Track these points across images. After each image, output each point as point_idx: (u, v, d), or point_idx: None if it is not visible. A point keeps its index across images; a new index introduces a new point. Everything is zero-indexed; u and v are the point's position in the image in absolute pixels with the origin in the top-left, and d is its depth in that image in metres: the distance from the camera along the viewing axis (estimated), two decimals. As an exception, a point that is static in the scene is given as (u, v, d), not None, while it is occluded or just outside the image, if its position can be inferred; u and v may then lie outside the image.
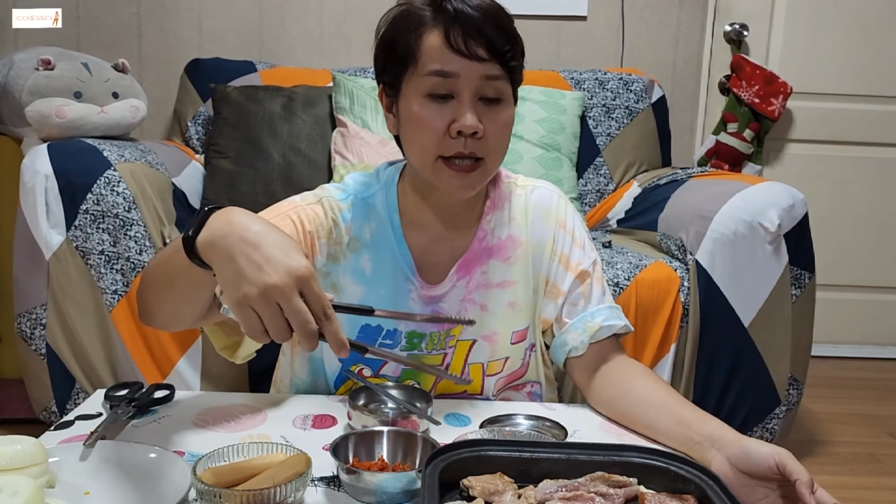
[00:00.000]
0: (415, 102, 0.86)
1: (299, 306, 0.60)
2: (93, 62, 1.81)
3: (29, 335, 1.56)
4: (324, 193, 0.97)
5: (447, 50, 0.83)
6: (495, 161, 0.90)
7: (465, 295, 0.98)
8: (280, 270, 0.60)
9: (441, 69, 0.84)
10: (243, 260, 0.62)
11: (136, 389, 0.97)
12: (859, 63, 2.62)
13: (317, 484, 0.75)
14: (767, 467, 0.70)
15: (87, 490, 0.71)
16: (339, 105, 2.05)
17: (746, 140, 2.51)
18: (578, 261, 0.99)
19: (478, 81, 0.85)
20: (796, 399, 1.71)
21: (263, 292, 0.60)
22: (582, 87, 2.27)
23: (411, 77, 0.86)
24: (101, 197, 1.53)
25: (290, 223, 0.91)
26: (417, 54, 0.85)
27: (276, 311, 0.61)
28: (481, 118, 0.85)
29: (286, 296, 0.60)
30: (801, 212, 1.64)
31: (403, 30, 0.86)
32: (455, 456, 0.68)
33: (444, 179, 0.88)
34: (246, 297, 0.60)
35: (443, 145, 0.86)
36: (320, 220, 0.94)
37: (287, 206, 0.94)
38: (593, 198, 2.23)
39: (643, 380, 0.92)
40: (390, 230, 0.96)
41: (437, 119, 0.85)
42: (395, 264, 0.95)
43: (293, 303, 0.60)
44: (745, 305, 1.63)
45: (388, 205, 0.96)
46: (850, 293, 2.73)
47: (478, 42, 0.83)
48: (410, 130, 0.88)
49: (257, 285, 0.60)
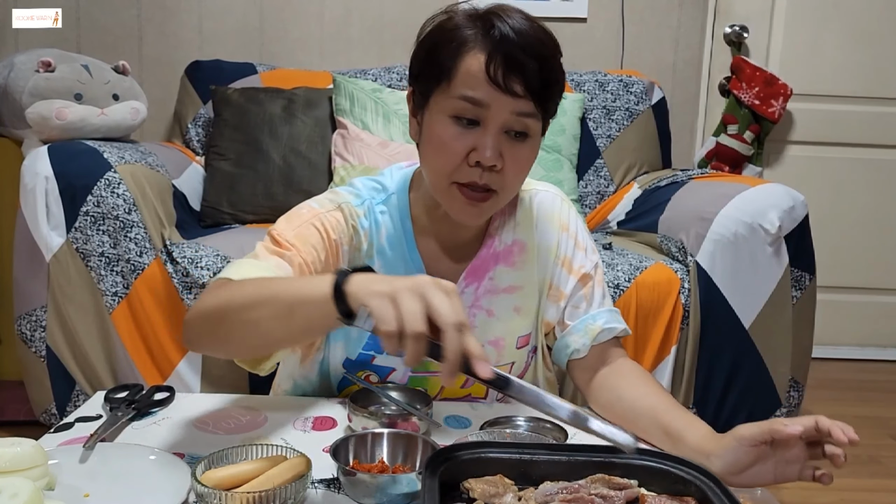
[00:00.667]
0: (439, 121, 0.84)
1: (444, 299, 0.59)
2: (93, 64, 1.81)
3: (29, 337, 1.56)
4: (341, 199, 0.94)
5: (483, 78, 0.80)
6: (508, 195, 0.89)
7: (474, 301, 0.98)
8: (428, 279, 0.61)
9: (473, 96, 0.82)
10: (381, 282, 0.62)
11: (136, 391, 0.97)
12: (859, 64, 2.62)
13: (317, 486, 0.75)
14: (745, 454, 0.72)
15: (87, 492, 0.71)
16: (339, 107, 2.05)
17: (746, 142, 2.51)
18: (581, 264, 0.99)
19: (507, 116, 0.82)
20: (797, 401, 1.71)
21: (412, 286, 0.59)
22: (582, 88, 2.27)
23: (442, 94, 0.84)
24: (102, 199, 1.53)
25: (315, 231, 0.89)
26: (453, 73, 0.82)
27: (418, 303, 0.58)
28: (503, 152, 0.83)
29: (434, 290, 0.59)
30: (802, 213, 1.64)
31: (444, 45, 0.84)
32: (455, 458, 0.68)
33: (455, 206, 0.87)
34: (394, 289, 0.59)
35: (459, 172, 0.84)
36: (342, 227, 0.92)
37: (307, 213, 0.91)
38: (594, 199, 2.23)
39: (635, 385, 0.92)
40: (402, 237, 0.95)
41: (458, 144, 0.83)
42: (407, 271, 0.95)
43: (442, 294, 0.59)
44: (745, 307, 1.62)
45: (399, 211, 0.95)
46: (850, 295, 2.73)
47: (516, 77, 0.80)
48: (429, 148, 0.87)
49: (408, 281, 0.60)
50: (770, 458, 0.73)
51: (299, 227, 0.89)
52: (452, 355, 0.57)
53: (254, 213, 1.96)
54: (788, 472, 0.72)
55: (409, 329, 0.57)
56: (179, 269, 1.54)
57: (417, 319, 0.57)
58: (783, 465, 0.73)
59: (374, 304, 0.59)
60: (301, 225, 0.89)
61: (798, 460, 0.72)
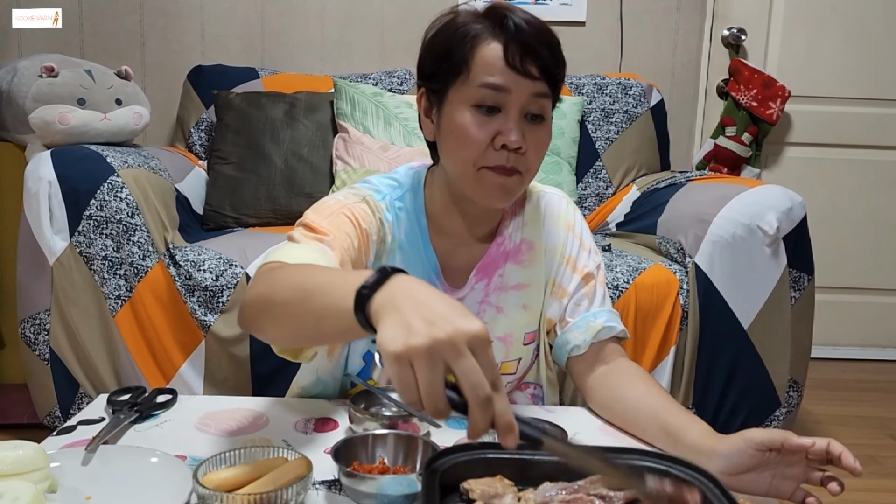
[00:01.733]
0: (460, 112, 0.87)
1: (473, 364, 0.52)
2: (96, 69, 1.82)
3: (33, 340, 1.57)
4: (363, 192, 0.95)
5: (503, 65, 0.85)
6: (530, 177, 0.92)
7: (484, 297, 1.00)
8: (453, 326, 0.52)
9: (494, 83, 0.85)
10: (411, 314, 0.54)
11: (138, 394, 0.97)
12: (857, 66, 2.62)
13: (318, 487, 0.75)
14: (750, 457, 0.72)
15: (89, 495, 0.71)
16: (340, 111, 2.06)
17: (745, 144, 2.52)
18: (584, 263, 1.01)
19: (527, 98, 0.86)
20: (796, 401, 1.72)
21: (431, 347, 0.51)
22: (581, 91, 2.28)
23: (461, 86, 0.87)
24: (105, 203, 1.54)
25: (346, 220, 0.90)
26: (471, 65, 0.86)
27: (438, 372, 0.52)
28: (525, 134, 0.87)
29: (458, 352, 0.52)
30: (800, 214, 1.64)
31: (457, 39, 0.87)
32: (455, 459, 0.68)
33: (484, 189, 0.88)
34: (409, 350, 0.52)
35: (485, 157, 0.87)
36: (370, 217, 0.93)
37: (335, 205, 0.92)
38: (593, 202, 2.24)
39: (635, 384, 0.93)
40: (418, 233, 0.97)
41: (483, 132, 0.86)
42: (423, 267, 0.97)
43: (465, 360, 0.52)
44: (744, 308, 1.63)
45: (415, 208, 0.97)
46: (849, 295, 2.73)
47: (533, 61, 0.85)
48: (452, 141, 0.89)
49: (424, 338, 0.52)
50: (770, 469, 0.73)
51: (330, 216, 0.90)
52: (474, 432, 0.53)
53: (256, 217, 1.97)
54: (783, 487, 0.73)
55: (428, 406, 0.53)
56: (182, 272, 1.55)
57: (435, 396, 0.52)
58: (780, 479, 0.73)
59: (390, 369, 0.53)
60: (332, 214, 0.90)
61: (795, 479, 0.72)
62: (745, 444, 0.72)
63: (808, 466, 0.73)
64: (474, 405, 0.52)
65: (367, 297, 0.58)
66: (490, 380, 0.52)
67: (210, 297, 1.54)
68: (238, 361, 1.54)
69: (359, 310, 0.58)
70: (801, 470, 0.72)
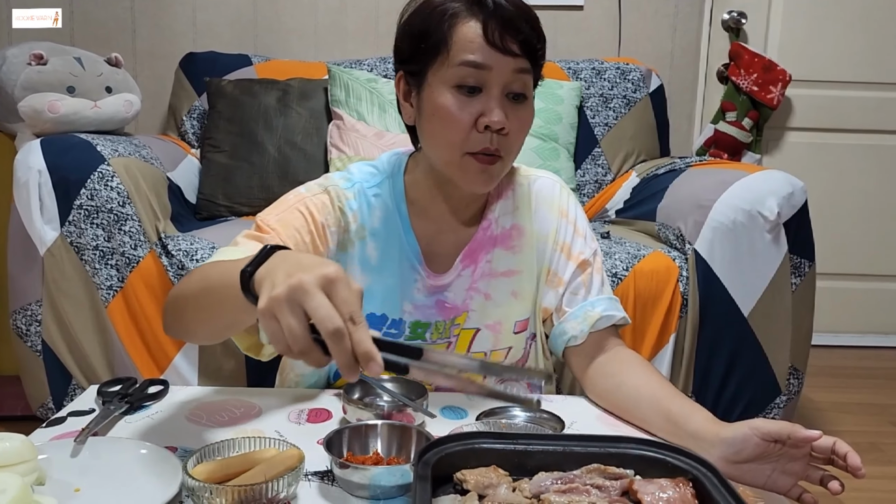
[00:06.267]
0: (441, 93, 0.86)
1: (321, 301, 0.55)
2: (86, 56, 1.79)
3: (24, 332, 1.56)
4: (328, 183, 0.96)
5: (483, 42, 0.84)
6: (511, 160, 0.91)
7: (471, 284, 0.98)
8: (307, 272, 0.56)
9: (475, 60, 0.84)
10: (278, 274, 0.58)
11: (129, 385, 0.96)
12: (859, 50, 2.60)
13: (310, 478, 0.74)
14: (755, 446, 0.71)
15: (78, 487, 0.71)
16: (334, 98, 2.04)
17: (745, 129, 2.50)
18: (580, 250, 1.00)
19: (508, 75, 0.85)
20: (797, 388, 1.71)
21: (286, 293, 0.55)
22: (579, 77, 2.25)
23: (440, 67, 0.86)
24: (95, 192, 1.52)
25: (298, 215, 0.91)
26: (450, 44, 0.85)
27: (296, 315, 0.55)
28: (507, 114, 0.86)
29: (307, 292, 0.55)
30: (801, 200, 1.62)
31: (434, 19, 0.86)
32: (448, 449, 0.67)
33: (468, 176, 0.88)
34: (271, 302, 0.56)
35: (469, 141, 0.86)
36: (328, 209, 0.93)
37: (293, 198, 0.94)
38: (591, 188, 2.22)
39: (636, 372, 0.91)
40: (398, 219, 0.96)
41: (465, 113, 0.85)
42: (402, 253, 0.96)
43: (315, 298, 0.55)
44: (744, 295, 1.61)
45: (395, 194, 0.96)
46: (850, 282, 2.72)
47: (513, 37, 0.84)
48: (434, 123, 0.88)
49: (282, 287, 0.56)
50: (771, 461, 0.72)
51: (283, 212, 0.91)
52: (339, 364, 0.56)
53: (249, 206, 1.95)
54: (781, 482, 0.72)
55: (295, 349, 0.56)
56: (175, 261, 1.53)
57: (298, 337, 0.55)
58: (779, 474, 0.72)
59: (262, 324, 0.57)
60: (285, 210, 0.92)
61: (795, 475, 0.72)
62: (751, 432, 0.71)
63: (810, 464, 0.72)
64: (327, 337, 0.55)
65: (249, 274, 0.62)
66: (346, 314, 0.55)
67: (204, 287, 1.52)
68: (233, 352, 1.53)
69: (245, 289, 0.62)
70: (802, 466, 0.72)
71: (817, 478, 0.72)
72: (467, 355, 0.62)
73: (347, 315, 0.55)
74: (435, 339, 0.98)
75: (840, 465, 0.70)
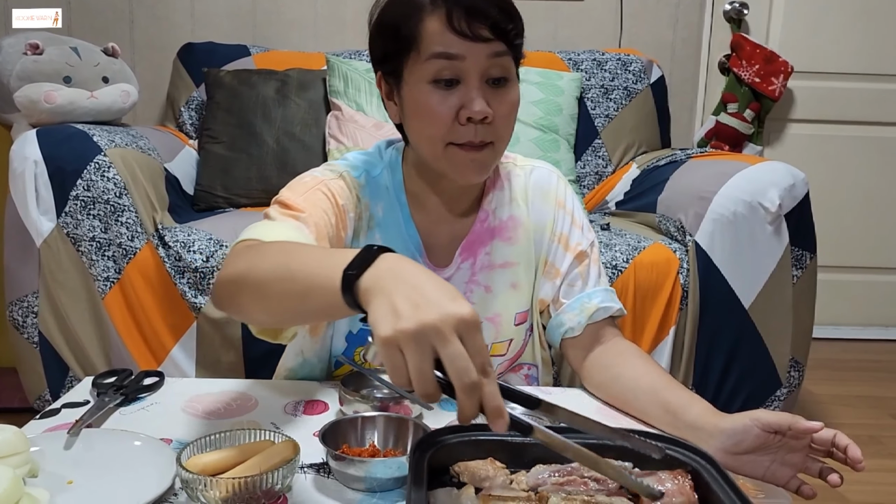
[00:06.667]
0: (419, 90, 0.84)
1: (459, 350, 0.51)
2: (82, 46, 1.78)
3: (21, 323, 1.55)
4: (341, 169, 0.94)
5: (449, 33, 0.81)
6: (503, 144, 0.89)
7: (471, 277, 0.97)
8: (441, 310, 0.52)
9: (444, 51, 0.81)
10: (401, 298, 0.53)
11: (124, 376, 0.95)
12: (861, 41, 2.58)
13: (306, 471, 0.74)
14: (755, 437, 0.71)
15: (71, 479, 0.70)
16: (333, 88, 2.03)
17: (747, 120, 2.48)
18: (577, 241, 0.99)
19: (485, 62, 0.82)
20: (797, 381, 1.70)
21: (418, 331, 0.51)
22: (580, 68, 2.24)
23: (414, 63, 0.83)
24: (92, 183, 1.51)
25: (323, 196, 0.88)
26: (419, 39, 0.82)
27: (426, 355, 0.52)
28: (489, 101, 0.83)
29: (444, 337, 0.51)
30: (802, 191, 1.61)
31: (401, 15, 0.84)
32: (445, 441, 0.66)
33: (456, 166, 0.86)
34: (398, 334, 0.52)
35: (452, 134, 0.84)
36: (347, 193, 0.91)
37: (311, 181, 0.90)
38: (591, 180, 2.21)
39: (634, 363, 0.91)
40: (398, 210, 0.95)
41: (445, 107, 0.83)
42: (404, 245, 0.95)
43: (452, 345, 0.51)
44: (745, 287, 1.61)
45: (394, 185, 0.95)
46: (852, 274, 2.71)
47: (481, 22, 0.81)
48: (416, 121, 0.86)
49: (412, 322, 0.52)
50: (771, 453, 0.71)
51: (306, 192, 0.88)
52: (463, 417, 0.53)
53: (247, 197, 1.93)
54: (780, 473, 0.71)
55: (418, 390, 0.53)
56: (172, 253, 1.52)
57: (424, 379, 0.52)
58: (778, 465, 0.72)
59: (381, 354, 0.53)
60: (308, 191, 0.88)
61: (793, 467, 0.71)
62: (751, 423, 0.71)
63: (809, 456, 0.72)
64: (460, 391, 0.52)
65: (354, 277, 0.58)
66: (478, 364, 0.52)
67: (200, 279, 1.51)
68: (230, 343, 1.52)
69: (346, 291, 0.58)
70: (801, 458, 0.71)
71: (816, 470, 0.71)
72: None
73: (480, 366, 0.52)
74: None
75: (840, 457, 0.70)
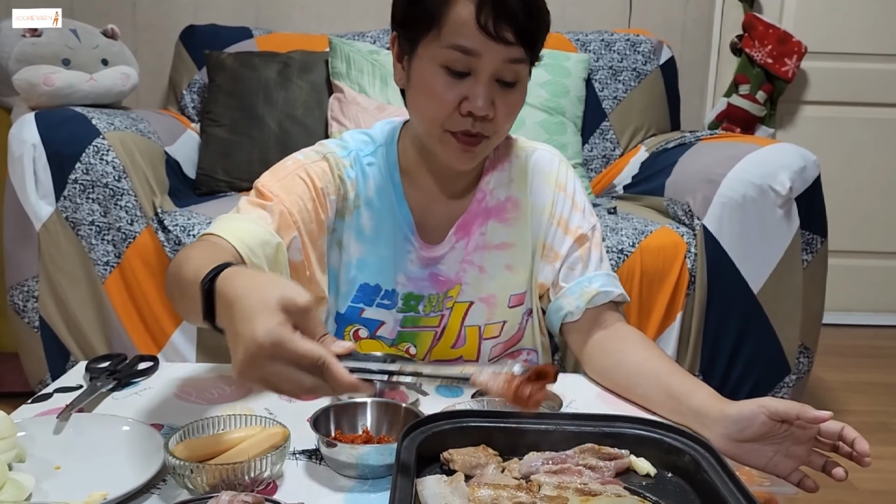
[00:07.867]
0: (429, 69, 0.83)
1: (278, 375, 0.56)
2: (81, 28, 1.76)
3: (21, 308, 1.54)
4: (326, 150, 0.94)
5: (475, 27, 0.79)
6: (499, 138, 0.89)
7: (464, 256, 0.96)
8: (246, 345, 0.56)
9: (464, 45, 0.80)
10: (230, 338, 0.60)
11: (118, 361, 0.95)
12: (876, 21, 2.52)
13: (298, 457, 0.73)
14: (761, 424, 0.69)
15: (58, 464, 0.70)
16: (335, 70, 2.00)
17: (759, 102, 2.43)
18: (578, 225, 0.97)
19: (499, 64, 0.81)
20: (807, 367, 1.67)
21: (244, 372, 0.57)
22: (587, 48, 2.19)
23: (431, 42, 0.82)
24: (90, 166, 1.49)
25: (300, 182, 0.89)
26: (443, 22, 0.81)
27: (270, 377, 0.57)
28: (494, 100, 0.82)
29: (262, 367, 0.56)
30: (814, 174, 1.58)
31: None
32: (436, 427, 0.65)
33: (448, 152, 0.86)
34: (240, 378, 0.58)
35: (451, 121, 0.84)
36: (328, 176, 0.92)
37: (292, 165, 0.91)
38: (599, 163, 2.17)
39: (636, 349, 0.89)
40: (391, 189, 0.94)
41: (450, 94, 0.82)
42: (396, 224, 0.94)
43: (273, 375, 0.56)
44: (754, 271, 1.58)
45: (388, 163, 0.95)
46: (863, 259, 2.67)
47: (507, 25, 0.79)
48: (420, 97, 0.86)
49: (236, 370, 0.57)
50: (775, 443, 0.70)
51: (284, 178, 0.90)
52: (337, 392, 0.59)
53: (249, 181, 1.89)
54: (782, 465, 0.70)
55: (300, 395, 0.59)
56: (171, 237, 1.51)
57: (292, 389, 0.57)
58: (781, 456, 0.70)
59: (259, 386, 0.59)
60: (286, 176, 0.90)
61: (797, 459, 0.70)
62: (758, 410, 0.69)
63: (813, 449, 0.70)
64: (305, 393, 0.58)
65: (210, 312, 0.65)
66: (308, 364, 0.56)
67: (201, 263, 1.50)
68: (232, 328, 1.51)
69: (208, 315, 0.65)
70: (805, 451, 0.70)
71: (820, 464, 0.69)
72: None
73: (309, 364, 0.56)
74: (427, 311, 0.97)
75: (846, 451, 0.68)
